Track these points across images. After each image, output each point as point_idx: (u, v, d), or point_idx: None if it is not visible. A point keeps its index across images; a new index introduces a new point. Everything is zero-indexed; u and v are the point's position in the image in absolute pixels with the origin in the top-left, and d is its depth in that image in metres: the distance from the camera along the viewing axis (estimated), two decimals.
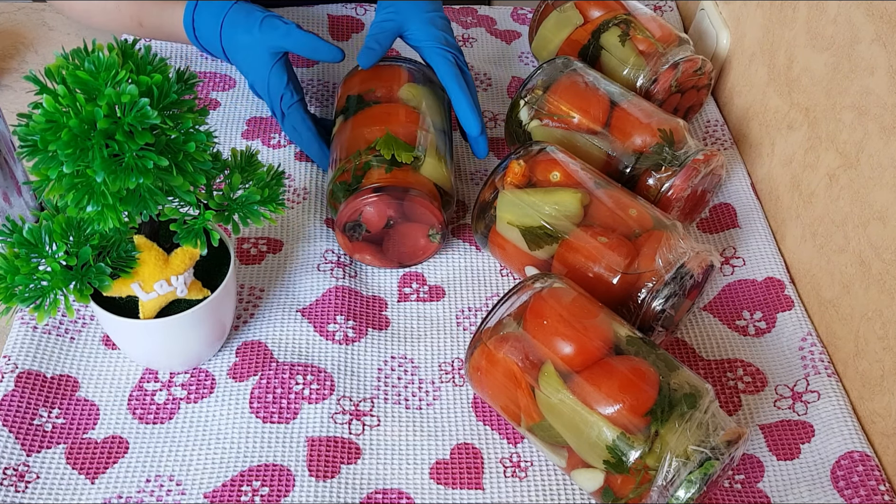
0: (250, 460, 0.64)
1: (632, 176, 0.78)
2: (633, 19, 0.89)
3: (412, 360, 0.72)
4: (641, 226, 0.70)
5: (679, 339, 0.75)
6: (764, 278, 0.79)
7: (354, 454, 0.65)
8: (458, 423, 0.68)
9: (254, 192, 0.59)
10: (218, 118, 0.90)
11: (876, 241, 0.67)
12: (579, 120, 0.80)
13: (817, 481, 0.65)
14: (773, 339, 0.75)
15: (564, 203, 0.71)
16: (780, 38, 0.83)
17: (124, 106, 0.50)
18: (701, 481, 0.55)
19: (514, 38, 1.04)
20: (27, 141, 0.50)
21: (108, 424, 0.66)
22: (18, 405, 0.65)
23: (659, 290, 0.66)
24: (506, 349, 0.62)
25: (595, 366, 0.60)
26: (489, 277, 0.78)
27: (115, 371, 0.69)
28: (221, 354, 0.71)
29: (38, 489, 0.62)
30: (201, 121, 0.55)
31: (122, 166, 0.50)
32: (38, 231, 0.56)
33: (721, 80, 0.96)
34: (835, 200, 0.72)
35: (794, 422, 0.69)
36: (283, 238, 0.80)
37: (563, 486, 0.65)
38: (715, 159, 0.76)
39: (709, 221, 0.85)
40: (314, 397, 0.68)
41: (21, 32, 0.98)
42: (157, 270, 0.60)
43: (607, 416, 0.57)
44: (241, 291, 0.75)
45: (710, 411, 0.58)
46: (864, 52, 0.68)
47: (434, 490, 0.64)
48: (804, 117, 0.78)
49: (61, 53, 0.51)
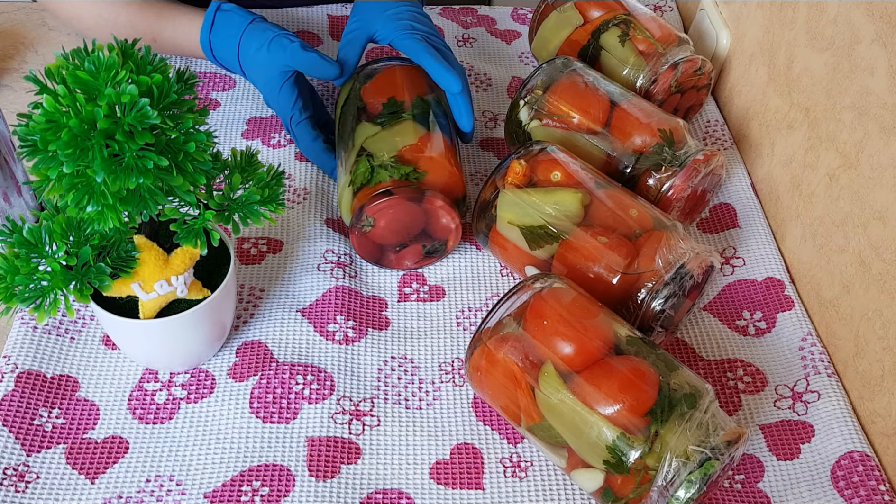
0: (250, 460, 0.64)
1: (632, 176, 0.78)
2: (633, 19, 0.89)
3: (412, 360, 0.72)
4: (642, 226, 0.70)
5: (679, 339, 0.75)
6: (764, 278, 0.79)
7: (354, 454, 0.65)
8: (458, 423, 0.68)
9: (254, 192, 0.59)
10: (218, 118, 0.90)
11: (876, 241, 0.67)
12: (579, 120, 0.80)
13: (817, 481, 0.65)
14: (773, 339, 0.75)
15: (565, 203, 0.71)
16: (780, 38, 0.83)
17: (124, 106, 0.50)
18: (701, 481, 0.55)
19: (514, 38, 1.04)
20: (27, 141, 0.50)
21: (108, 424, 0.66)
22: (18, 405, 0.65)
23: (659, 290, 0.66)
24: (506, 349, 0.62)
25: (595, 366, 0.60)
26: (489, 277, 0.79)
27: (115, 371, 0.69)
28: (221, 354, 0.71)
29: (38, 489, 0.62)
30: (201, 121, 0.55)
31: (122, 166, 0.50)
32: (38, 231, 0.56)
33: (721, 80, 0.96)
34: (835, 200, 0.72)
35: (794, 422, 0.69)
36: (283, 238, 0.80)
37: (563, 486, 0.65)
38: (715, 159, 0.76)
39: (709, 221, 0.85)
40: (314, 397, 0.68)
41: (21, 32, 0.98)
42: (157, 270, 0.60)
43: (607, 416, 0.57)
44: (241, 291, 0.75)
45: (710, 411, 0.58)
46: (864, 52, 0.68)
47: (434, 490, 0.64)
48: (804, 117, 0.78)
49: (61, 53, 0.51)
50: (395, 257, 0.77)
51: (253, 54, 0.81)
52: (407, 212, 0.73)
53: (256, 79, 0.82)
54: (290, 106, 0.81)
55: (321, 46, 1.00)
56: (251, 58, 0.81)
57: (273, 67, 0.80)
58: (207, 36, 0.83)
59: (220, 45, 0.83)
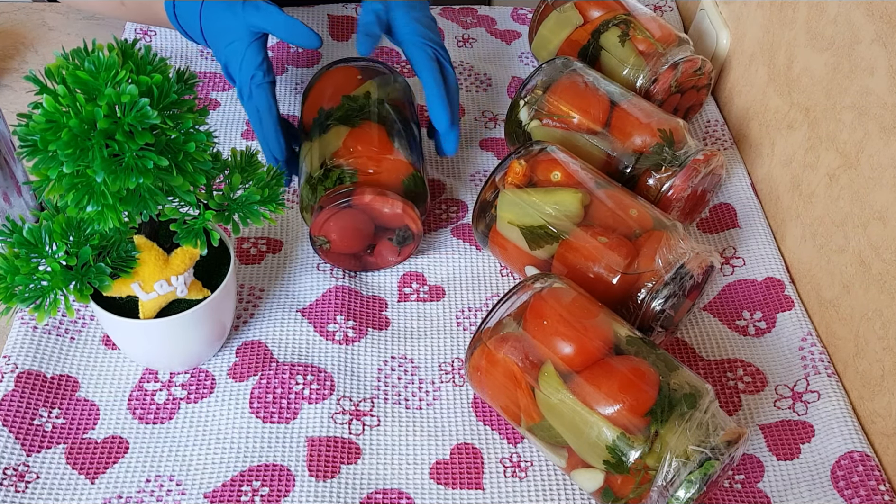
0: (250, 460, 0.64)
1: (632, 176, 0.78)
2: (633, 19, 0.89)
3: (412, 360, 0.72)
4: (642, 226, 0.70)
5: (679, 339, 0.75)
6: (764, 278, 0.79)
7: (354, 454, 0.65)
8: (458, 423, 0.68)
9: (254, 192, 0.59)
10: (218, 118, 0.90)
11: (876, 241, 0.67)
12: (579, 120, 0.80)
13: (817, 481, 0.65)
14: (773, 339, 0.75)
15: (565, 203, 0.71)
16: (780, 38, 0.83)
17: (124, 106, 0.50)
18: (701, 481, 0.55)
19: (514, 38, 1.04)
20: (27, 141, 0.50)
21: (108, 424, 0.66)
22: (18, 405, 0.65)
23: (658, 290, 0.66)
24: (506, 349, 0.62)
25: (595, 366, 0.60)
26: (489, 277, 0.78)
27: (115, 371, 0.69)
28: (221, 354, 0.71)
29: (38, 489, 0.62)
30: (201, 121, 0.55)
31: (122, 166, 0.50)
32: (38, 231, 0.56)
33: (721, 80, 0.96)
34: (835, 200, 0.72)
35: (794, 422, 0.69)
36: (283, 238, 0.80)
37: (563, 486, 0.65)
38: (715, 159, 0.76)
39: (709, 221, 0.85)
40: (314, 397, 0.68)
41: (21, 32, 0.98)
42: (157, 270, 0.60)
43: (607, 416, 0.57)
44: (241, 291, 0.75)
45: (710, 411, 0.58)
46: (864, 52, 0.68)
47: (434, 490, 0.64)
48: (804, 117, 0.78)
49: (61, 53, 0.51)
50: (373, 258, 0.77)
51: (220, 13, 0.75)
52: (347, 217, 0.72)
53: (219, 38, 0.76)
54: (255, 64, 0.74)
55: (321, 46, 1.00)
56: (217, 17, 0.76)
57: (243, 26, 0.74)
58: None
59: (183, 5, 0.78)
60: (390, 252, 0.76)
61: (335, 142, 0.74)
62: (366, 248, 0.75)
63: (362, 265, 0.77)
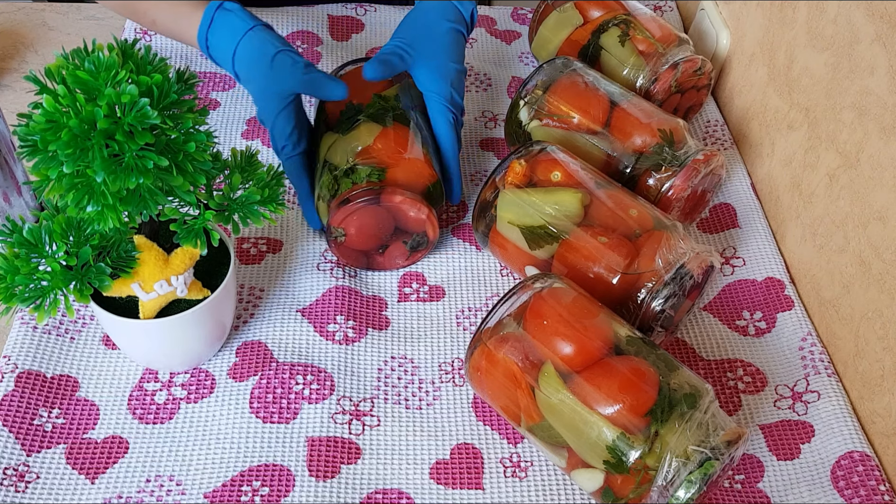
0: (250, 460, 0.64)
1: (632, 176, 0.78)
2: (633, 19, 0.89)
3: (412, 360, 0.72)
4: (642, 226, 0.70)
5: (679, 339, 0.75)
6: (764, 278, 0.79)
7: (354, 454, 0.65)
8: (458, 423, 0.68)
9: (254, 192, 0.59)
10: (218, 118, 0.90)
11: (876, 241, 0.67)
12: (579, 120, 0.80)
13: (817, 481, 0.65)
14: (773, 339, 0.75)
15: (565, 203, 0.71)
16: (780, 38, 0.83)
17: (124, 106, 0.50)
18: (701, 481, 0.55)
19: (514, 38, 1.04)
20: (27, 141, 0.50)
21: (108, 424, 0.66)
22: (18, 405, 0.65)
23: (658, 290, 0.66)
24: (506, 349, 0.62)
25: (595, 366, 0.60)
26: (489, 277, 0.78)
27: (115, 371, 0.69)
28: (221, 354, 0.71)
29: (38, 489, 0.62)
30: (201, 121, 0.55)
31: (122, 166, 0.50)
32: (38, 231, 0.56)
33: (721, 80, 0.96)
34: (835, 200, 0.72)
35: (794, 422, 0.69)
36: (283, 238, 0.80)
37: (563, 486, 0.65)
38: (715, 159, 0.76)
39: (709, 221, 0.85)
40: (314, 397, 0.68)
41: (21, 32, 0.98)
42: (157, 270, 0.60)
43: (607, 416, 0.57)
44: (241, 291, 0.75)
45: (710, 411, 0.58)
46: (864, 52, 0.68)
47: (434, 490, 0.64)
48: (804, 117, 0.78)
49: (61, 53, 0.51)
50: (382, 259, 0.77)
51: (252, 65, 0.75)
52: (371, 214, 0.72)
53: (252, 91, 0.77)
54: (285, 136, 0.76)
55: (321, 46, 1.00)
56: (249, 68, 0.76)
57: (273, 86, 0.75)
58: (205, 34, 0.78)
59: (217, 46, 0.79)
60: (401, 255, 0.77)
61: (366, 138, 0.74)
62: (379, 247, 0.75)
63: (369, 264, 0.77)
